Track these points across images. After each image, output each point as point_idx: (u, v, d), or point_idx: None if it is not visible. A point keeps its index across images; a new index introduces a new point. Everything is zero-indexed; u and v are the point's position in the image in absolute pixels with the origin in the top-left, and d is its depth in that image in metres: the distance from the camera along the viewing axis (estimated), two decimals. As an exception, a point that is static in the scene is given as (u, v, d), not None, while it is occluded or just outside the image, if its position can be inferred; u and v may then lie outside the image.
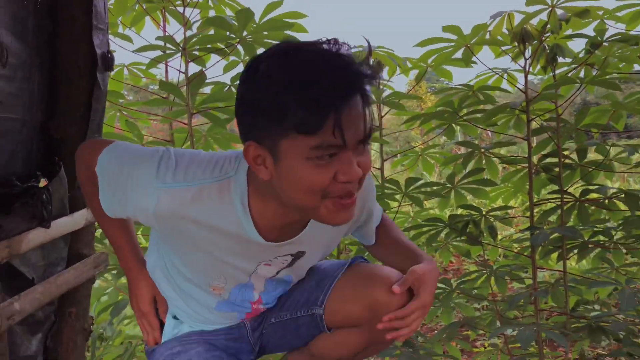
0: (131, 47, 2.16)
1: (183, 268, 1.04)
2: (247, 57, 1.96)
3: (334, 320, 1.10)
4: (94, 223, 1.45)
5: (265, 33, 1.80)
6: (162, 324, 1.12)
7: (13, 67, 1.20)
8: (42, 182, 1.26)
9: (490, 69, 2.14)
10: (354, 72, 0.79)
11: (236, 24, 1.75)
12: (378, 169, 2.38)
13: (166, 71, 2.23)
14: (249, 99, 0.83)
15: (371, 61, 0.82)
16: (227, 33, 1.80)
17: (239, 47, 1.88)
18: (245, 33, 1.79)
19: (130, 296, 1.12)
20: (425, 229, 2.20)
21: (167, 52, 1.96)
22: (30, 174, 1.22)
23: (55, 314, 1.36)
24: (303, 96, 0.77)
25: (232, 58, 2.08)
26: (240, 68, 2.10)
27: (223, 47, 1.90)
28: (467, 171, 2.24)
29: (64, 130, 1.35)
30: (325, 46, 0.81)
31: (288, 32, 1.77)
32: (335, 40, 0.82)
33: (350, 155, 0.82)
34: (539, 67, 2.12)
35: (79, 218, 1.36)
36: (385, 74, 2.45)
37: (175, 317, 1.13)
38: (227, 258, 0.99)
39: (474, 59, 2.13)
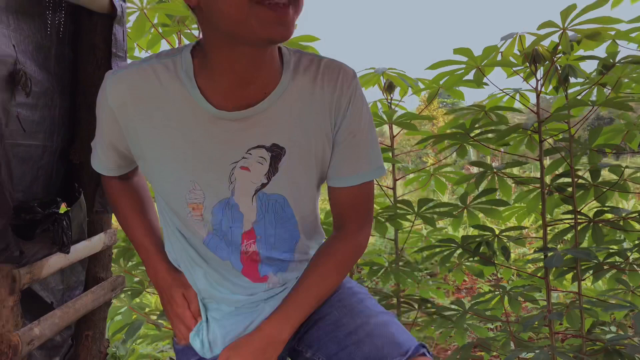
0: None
1: (160, 187, 0.98)
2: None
3: None
4: (111, 246, 1.47)
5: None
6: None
7: (36, 95, 1.23)
8: (62, 208, 1.28)
9: (501, 90, 2.15)
10: None
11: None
12: (390, 188, 2.39)
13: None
14: None
15: None
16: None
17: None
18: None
19: (161, 299, 1.08)
20: (438, 249, 2.20)
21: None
22: (50, 200, 1.24)
23: (72, 338, 1.37)
24: None
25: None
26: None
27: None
28: (479, 191, 2.24)
29: (83, 155, 1.38)
30: None
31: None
32: None
33: None
34: (550, 87, 2.13)
35: (97, 242, 1.38)
36: (397, 94, 2.48)
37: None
38: (192, 150, 0.93)
39: (485, 80, 2.14)
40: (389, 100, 2.43)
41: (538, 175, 2.16)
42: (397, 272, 2.22)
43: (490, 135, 2.17)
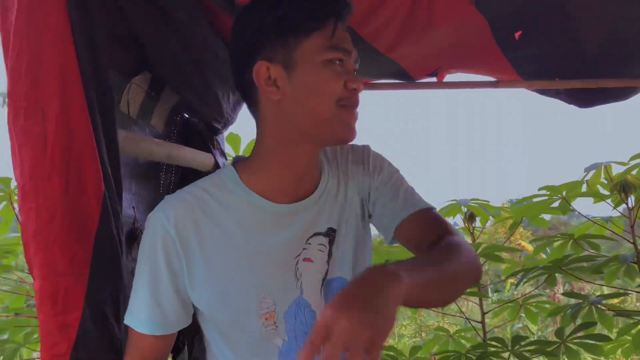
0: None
1: (226, 313, 0.92)
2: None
3: None
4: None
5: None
6: None
7: (148, 249, 1.33)
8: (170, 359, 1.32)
9: (589, 219, 2.11)
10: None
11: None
12: (479, 322, 2.30)
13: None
14: (258, 17, 0.89)
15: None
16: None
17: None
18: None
19: None
20: (538, 391, 2.04)
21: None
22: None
23: None
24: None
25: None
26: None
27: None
28: (577, 324, 2.11)
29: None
30: None
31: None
32: None
33: (352, 66, 0.91)
34: (643, 214, 2.06)
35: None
36: (477, 223, 2.48)
37: None
38: (255, 250, 0.91)
39: (572, 207, 2.11)
40: (471, 230, 2.43)
41: (641, 307, 2.02)
42: (494, 417, 2.06)
43: (582, 264, 2.09)
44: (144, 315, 0.95)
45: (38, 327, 1.01)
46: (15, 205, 2.11)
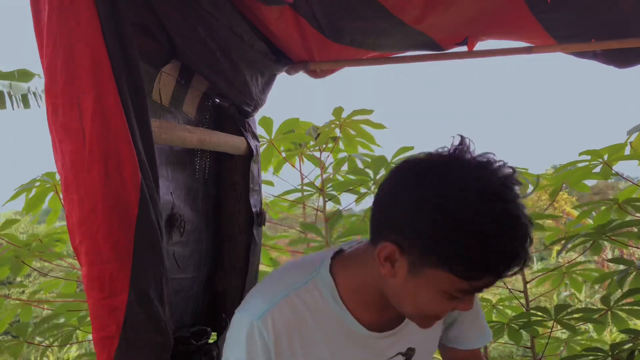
0: (271, 189, 2.38)
1: None
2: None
3: None
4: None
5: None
6: None
7: (187, 233, 1.38)
8: (213, 337, 1.38)
9: (634, 183, 2.04)
10: (524, 249, 0.80)
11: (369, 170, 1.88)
12: (521, 291, 2.28)
13: (303, 209, 2.41)
14: (422, 218, 0.81)
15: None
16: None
17: (373, 186, 2.01)
18: (381, 173, 1.91)
19: None
20: (584, 359, 2.02)
21: (306, 193, 2.13)
22: (200, 330, 1.34)
23: None
24: (476, 258, 0.79)
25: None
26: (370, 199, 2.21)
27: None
28: (624, 291, 2.07)
29: (226, 283, 1.50)
30: (507, 191, 0.80)
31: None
32: (512, 180, 0.81)
33: (474, 297, 0.89)
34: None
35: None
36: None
37: None
38: None
39: (614, 171, 2.05)
40: (510, 200, 2.38)
41: (692, 273, 1.95)
42: (539, 384, 2.05)
43: (629, 229, 2.04)
44: None
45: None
46: (62, 196, 2.21)
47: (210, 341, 1.35)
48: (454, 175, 0.82)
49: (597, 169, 2.07)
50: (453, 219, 0.79)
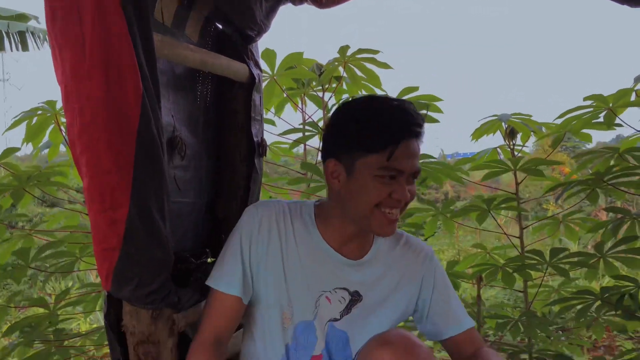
0: (274, 129, 2.37)
1: (265, 297, 1.18)
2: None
3: None
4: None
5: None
6: None
7: (188, 158, 1.38)
8: (211, 259, 1.40)
9: (638, 131, 2.03)
10: (418, 122, 1.13)
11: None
12: (517, 237, 2.30)
13: (304, 150, 2.40)
14: (340, 128, 1.16)
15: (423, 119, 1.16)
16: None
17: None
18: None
19: None
20: (574, 302, 2.06)
21: (307, 134, 2.12)
22: (200, 251, 1.36)
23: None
24: (380, 130, 1.09)
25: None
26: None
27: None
28: (617, 239, 2.09)
29: (227, 210, 1.51)
30: (395, 102, 1.15)
31: (424, 111, 1.85)
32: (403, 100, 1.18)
33: (404, 181, 1.11)
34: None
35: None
36: (519, 140, 2.43)
37: None
38: (302, 269, 1.18)
39: (618, 121, 2.03)
40: (511, 147, 2.38)
41: (687, 221, 1.97)
42: (528, 326, 2.10)
43: (627, 179, 2.04)
44: (229, 277, 1.17)
45: (92, 244, 1.08)
46: (62, 128, 2.19)
47: (210, 261, 1.37)
48: (366, 98, 1.21)
49: (601, 118, 2.05)
50: (359, 114, 1.14)
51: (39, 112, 2.02)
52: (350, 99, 1.22)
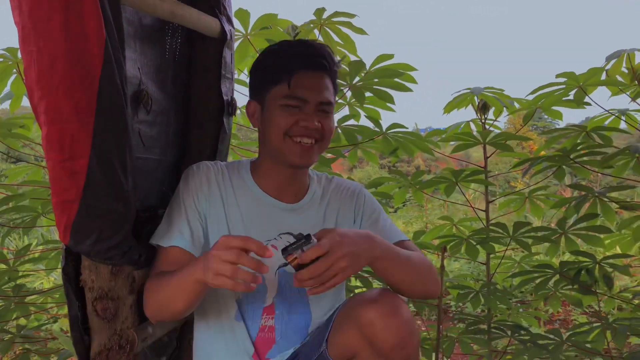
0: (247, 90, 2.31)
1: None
2: (354, 100, 2.05)
3: (337, 353, 1.13)
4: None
5: (375, 80, 1.87)
6: None
7: (154, 114, 1.34)
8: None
9: (606, 110, 2.06)
10: (319, 55, 1.23)
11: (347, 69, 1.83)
12: (483, 210, 2.34)
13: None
14: (253, 69, 1.30)
15: (334, 58, 1.28)
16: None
17: (348, 92, 1.97)
18: (356, 80, 1.87)
19: (208, 267, 1.01)
20: (534, 275, 2.11)
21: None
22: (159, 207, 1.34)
23: (177, 340, 1.46)
24: (280, 62, 1.22)
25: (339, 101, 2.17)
26: (346, 111, 2.18)
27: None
28: (579, 216, 2.14)
29: (193, 169, 1.47)
30: (299, 40, 1.32)
31: (397, 79, 1.84)
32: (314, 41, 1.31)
33: (311, 111, 1.21)
34: (661, 107, 2.00)
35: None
36: (490, 114, 2.44)
37: None
38: (244, 221, 1.25)
39: (587, 99, 2.06)
40: (483, 121, 2.39)
41: (646, 200, 2.02)
42: (489, 297, 2.15)
43: (592, 157, 2.07)
44: (177, 230, 1.20)
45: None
46: (19, 49, 2.10)
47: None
48: (276, 42, 1.33)
49: (570, 96, 2.07)
50: (267, 53, 1.28)
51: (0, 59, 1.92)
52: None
